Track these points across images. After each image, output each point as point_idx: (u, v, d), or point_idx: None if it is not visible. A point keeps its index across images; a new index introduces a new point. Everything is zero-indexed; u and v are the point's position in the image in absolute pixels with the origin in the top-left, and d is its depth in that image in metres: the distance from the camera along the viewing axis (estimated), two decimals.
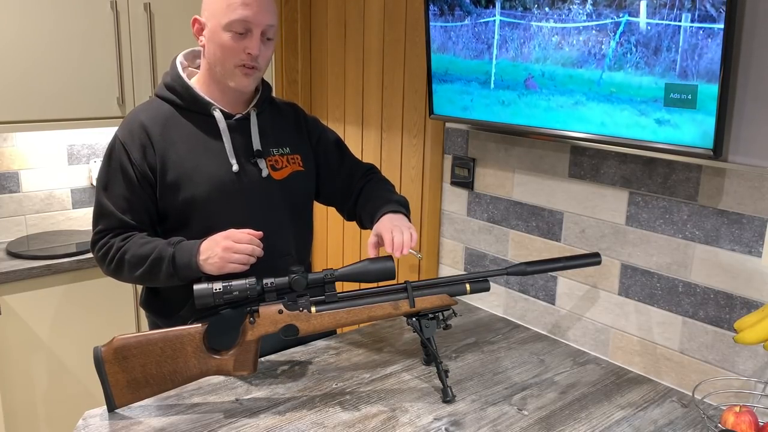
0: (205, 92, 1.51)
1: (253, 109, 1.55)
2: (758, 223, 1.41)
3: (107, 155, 1.49)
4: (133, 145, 1.46)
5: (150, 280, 1.45)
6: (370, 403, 1.41)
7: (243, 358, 1.36)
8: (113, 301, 2.45)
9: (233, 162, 1.49)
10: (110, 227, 1.47)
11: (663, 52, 1.40)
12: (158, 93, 1.54)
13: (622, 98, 1.50)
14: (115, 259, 1.44)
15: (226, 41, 1.43)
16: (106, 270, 1.49)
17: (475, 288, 1.47)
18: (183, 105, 1.51)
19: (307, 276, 1.37)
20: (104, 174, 1.49)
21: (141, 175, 1.45)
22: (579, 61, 1.56)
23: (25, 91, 2.29)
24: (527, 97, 1.70)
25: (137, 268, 1.42)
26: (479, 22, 1.76)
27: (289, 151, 1.59)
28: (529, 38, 1.65)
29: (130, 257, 1.43)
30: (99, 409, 1.35)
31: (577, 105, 1.60)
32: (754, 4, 1.33)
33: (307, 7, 2.77)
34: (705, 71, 1.35)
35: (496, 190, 1.98)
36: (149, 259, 1.41)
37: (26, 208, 2.61)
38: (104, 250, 1.46)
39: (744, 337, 1.29)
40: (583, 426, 1.35)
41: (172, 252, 1.40)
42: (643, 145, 1.50)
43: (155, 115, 1.50)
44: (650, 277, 1.62)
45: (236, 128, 1.52)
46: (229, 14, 1.41)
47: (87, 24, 2.36)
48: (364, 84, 2.53)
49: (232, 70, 1.46)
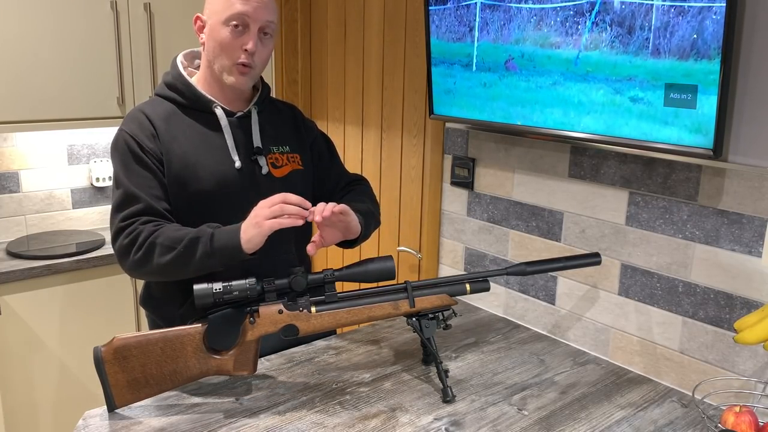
0: (205, 90, 1.52)
1: (254, 107, 1.56)
2: (758, 223, 1.41)
3: (117, 150, 1.47)
4: (142, 134, 1.46)
5: (180, 265, 1.37)
6: (370, 403, 1.41)
7: (243, 358, 1.36)
8: (113, 301, 2.45)
9: (236, 158, 1.50)
10: (138, 211, 1.41)
11: (636, 31, 1.44)
12: (159, 92, 1.55)
13: (598, 77, 1.54)
14: (145, 245, 1.37)
15: (224, 37, 1.44)
16: (131, 259, 1.39)
17: (475, 288, 1.47)
18: (185, 103, 1.51)
19: (307, 276, 1.37)
20: (119, 166, 1.45)
21: (156, 160, 1.45)
22: (556, 42, 1.59)
23: (25, 91, 2.29)
24: (507, 79, 1.74)
25: (169, 252, 1.36)
26: (461, 5, 1.80)
27: (288, 150, 1.60)
28: (508, 20, 1.69)
29: (163, 240, 1.37)
30: (99, 409, 1.35)
31: (555, 85, 1.63)
32: (755, 2, 1.33)
33: (307, 7, 2.77)
34: (677, 48, 1.38)
35: (496, 190, 1.98)
36: (185, 239, 1.35)
37: (26, 208, 2.61)
38: (132, 236, 1.38)
39: (744, 337, 1.29)
40: (583, 426, 1.35)
41: (212, 232, 1.36)
42: (643, 145, 1.50)
43: (157, 112, 1.50)
44: (650, 277, 1.62)
45: (237, 125, 1.53)
46: (228, 9, 1.43)
47: (87, 24, 2.36)
48: (364, 84, 2.53)
49: (229, 68, 1.47)
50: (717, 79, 1.33)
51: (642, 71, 1.45)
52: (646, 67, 1.44)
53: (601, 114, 1.56)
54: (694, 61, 1.36)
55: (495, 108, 1.80)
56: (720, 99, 1.34)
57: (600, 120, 1.57)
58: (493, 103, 1.80)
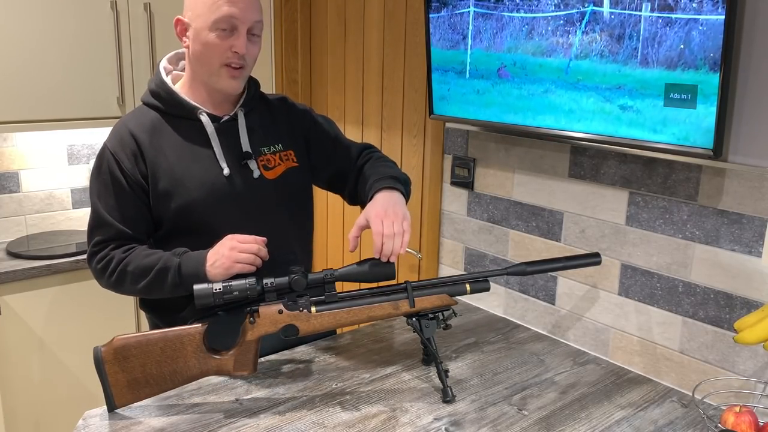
0: (190, 96, 1.49)
1: (240, 109, 1.52)
2: (758, 223, 1.41)
3: (97, 166, 1.47)
4: (123, 153, 1.44)
5: (152, 292, 1.42)
6: (370, 403, 1.41)
7: (243, 358, 1.36)
8: (113, 300, 2.45)
9: (224, 166, 1.47)
10: (108, 238, 1.44)
11: (625, 40, 1.45)
12: (144, 100, 1.52)
13: (588, 86, 1.55)
14: (116, 272, 1.42)
15: (211, 40, 1.40)
16: (106, 283, 1.45)
17: (475, 288, 1.46)
18: (168, 111, 1.48)
19: (307, 276, 1.37)
20: (96, 185, 1.46)
21: (134, 182, 1.44)
22: (548, 51, 1.61)
23: (26, 91, 2.29)
24: (500, 86, 1.75)
25: (141, 280, 1.40)
26: (455, 14, 1.81)
27: (281, 148, 1.57)
28: (501, 28, 1.70)
29: (134, 269, 1.40)
30: (99, 409, 1.35)
31: (546, 93, 1.65)
32: (754, 3, 1.33)
33: (307, 7, 2.77)
34: (665, 59, 1.40)
35: (496, 190, 1.98)
36: (154, 270, 1.39)
37: (26, 208, 2.61)
38: (104, 262, 1.43)
39: (744, 337, 1.29)
40: (583, 426, 1.35)
41: (178, 262, 1.39)
42: (643, 145, 1.50)
43: (142, 123, 1.48)
44: (650, 277, 1.62)
45: (224, 131, 1.50)
46: (215, 12, 1.39)
47: (87, 24, 2.36)
48: (364, 84, 2.53)
49: (218, 70, 1.43)
50: (717, 80, 1.33)
51: (631, 80, 1.47)
52: (635, 76, 1.45)
53: (591, 121, 1.58)
54: (694, 71, 1.36)
55: (489, 115, 1.81)
56: (720, 99, 1.34)
57: (590, 127, 1.59)
58: (486, 110, 1.81)
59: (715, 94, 1.34)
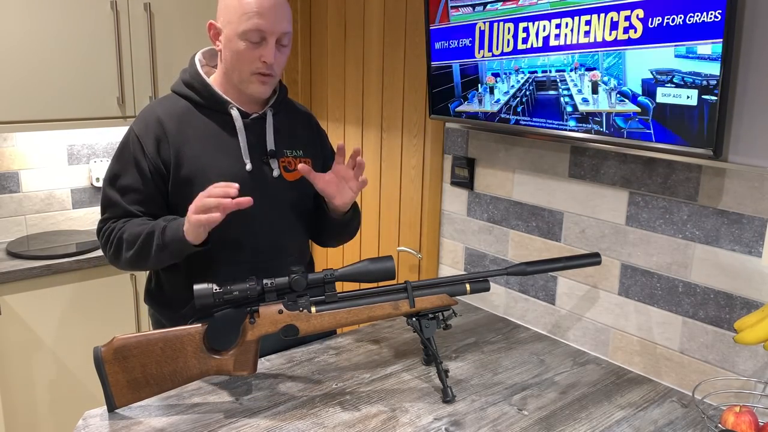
0: (222, 91, 1.52)
1: (270, 109, 1.56)
2: (758, 223, 1.41)
3: (121, 147, 1.51)
4: (147, 137, 1.47)
5: (143, 259, 1.44)
6: (370, 403, 1.41)
7: (243, 358, 1.36)
8: (113, 301, 2.45)
9: (247, 161, 1.50)
10: (115, 216, 1.49)
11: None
12: (175, 89, 1.55)
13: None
14: (114, 241, 1.46)
15: (241, 49, 1.43)
16: (108, 256, 1.50)
17: (475, 288, 1.47)
18: (201, 102, 1.52)
19: (307, 276, 1.37)
20: (115, 165, 1.50)
21: (154, 167, 1.47)
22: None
23: (26, 91, 2.29)
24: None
25: (132, 246, 1.43)
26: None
27: (302, 154, 1.60)
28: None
29: (128, 236, 1.44)
30: (99, 409, 1.35)
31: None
32: (754, 3, 1.33)
33: (307, 7, 2.77)
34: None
35: (496, 190, 1.98)
36: (144, 234, 1.42)
37: (26, 208, 2.61)
38: (106, 235, 1.48)
39: (744, 337, 1.29)
40: (583, 426, 1.35)
41: (164, 225, 1.41)
42: (643, 145, 1.50)
43: (172, 110, 1.51)
44: (650, 277, 1.62)
45: (252, 127, 1.53)
46: (244, 23, 1.41)
47: (87, 24, 2.36)
48: (364, 84, 2.53)
49: (248, 78, 1.47)
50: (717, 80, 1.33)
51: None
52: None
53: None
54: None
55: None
56: (720, 99, 1.34)
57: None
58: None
59: (715, 94, 1.34)
